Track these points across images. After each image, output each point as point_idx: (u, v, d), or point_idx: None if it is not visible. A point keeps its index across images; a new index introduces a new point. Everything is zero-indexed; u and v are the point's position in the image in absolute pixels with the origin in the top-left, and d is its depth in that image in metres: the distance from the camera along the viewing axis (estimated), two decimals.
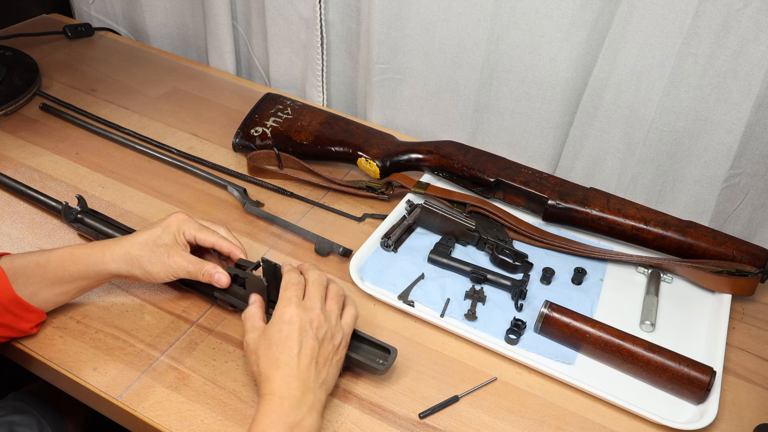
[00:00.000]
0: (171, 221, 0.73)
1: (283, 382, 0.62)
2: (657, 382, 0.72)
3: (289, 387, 0.62)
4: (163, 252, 0.71)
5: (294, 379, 0.62)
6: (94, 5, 1.42)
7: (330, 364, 0.66)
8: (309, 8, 1.13)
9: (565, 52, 0.95)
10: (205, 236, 0.74)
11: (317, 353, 0.64)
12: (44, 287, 0.70)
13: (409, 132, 1.18)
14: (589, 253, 0.88)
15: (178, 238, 0.72)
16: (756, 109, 0.88)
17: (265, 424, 0.60)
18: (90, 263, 0.70)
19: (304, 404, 0.61)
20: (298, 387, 0.62)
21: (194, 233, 0.73)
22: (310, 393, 0.62)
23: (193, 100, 1.18)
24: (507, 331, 0.77)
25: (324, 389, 0.65)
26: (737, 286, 0.82)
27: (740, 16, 0.83)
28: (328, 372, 0.65)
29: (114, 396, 0.68)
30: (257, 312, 0.69)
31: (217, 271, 0.72)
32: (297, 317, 0.64)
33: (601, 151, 1.04)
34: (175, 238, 0.72)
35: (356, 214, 0.94)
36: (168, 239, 0.72)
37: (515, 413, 0.70)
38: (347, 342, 0.68)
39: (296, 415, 0.60)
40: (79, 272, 0.70)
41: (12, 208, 0.90)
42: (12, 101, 1.08)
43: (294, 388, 0.62)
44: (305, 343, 0.64)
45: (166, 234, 0.72)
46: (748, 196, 0.97)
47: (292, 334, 0.64)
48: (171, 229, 0.72)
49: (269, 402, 0.61)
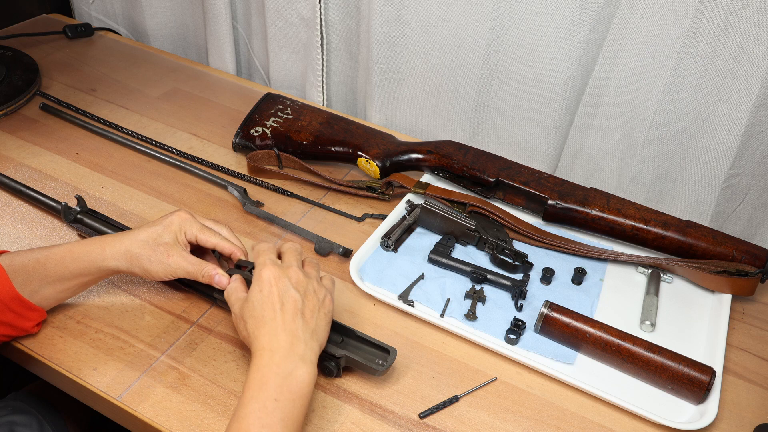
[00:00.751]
0: (173, 220, 0.73)
1: (270, 336, 0.63)
2: (657, 382, 0.72)
3: (277, 339, 0.63)
4: (162, 251, 0.71)
5: (281, 332, 0.63)
6: (94, 5, 1.42)
7: (317, 315, 0.66)
8: (309, 8, 1.13)
9: (565, 52, 0.95)
10: (207, 237, 0.74)
11: (301, 305, 0.65)
12: (45, 285, 0.70)
13: (409, 132, 1.18)
14: (589, 253, 0.88)
15: (179, 237, 0.72)
16: (756, 109, 0.88)
17: (258, 378, 0.60)
18: (90, 260, 0.70)
19: (294, 354, 0.62)
20: (285, 338, 0.63)
21: (196, 233, 0.73)
22: (300, 343, 0.63)
23: (193, 100, 1.18)
24: (507, 331, 0.77)
25: (315, 339, 0.65)
26: (737, 286, 0.82)
27: (740, 16, 0.83)
28: (317, 323, 0.66)
29: (114, 396, 0.68)
30: (239, 285, 0.70)
31: (217, 273, 0.72)
32: (274, 274, 0.66)
33: (601, 151, 1.04)
34: (176, 237, 0.72)
35: (356, 214, 0.94)
36: (169, 238, 0.71)
37: (515, 413, 0.70)
38: (332, 299, 0.70)
39: (288, 365, 0.61)
40: (79, 269, 0.70)
41: (12, 208, 0.90)
42: (12, 101, 1.08)
43: (282, 339, 0.63)
44: (287, 297, 0.65)
45: (167, 233, 0.72)
46: (748, 196, 0.97)
47: (272, 290, 0.65)
48: (173, 228, 0.72)
49: (260, 357, 0.62)
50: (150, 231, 0.72)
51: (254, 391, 0.60)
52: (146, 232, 0.71)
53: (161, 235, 0.71)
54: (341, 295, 0.81)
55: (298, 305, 0.65)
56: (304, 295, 0.66)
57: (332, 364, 0.69)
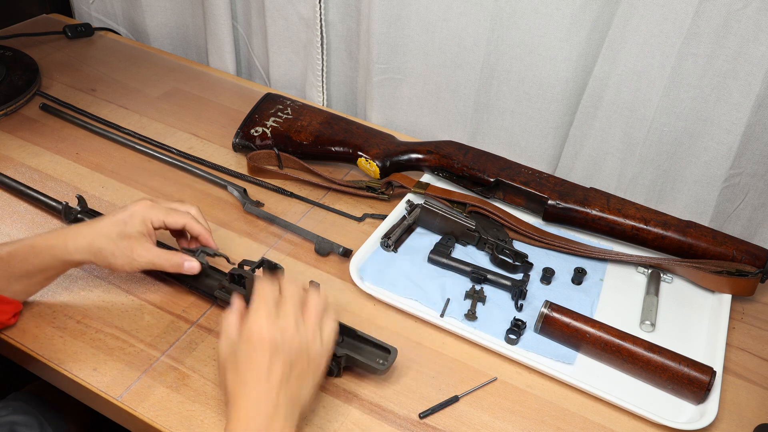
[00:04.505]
0: (135, 211, 0.71)
1: (249, 404, 0.57)
2: (657, 382, 0.72)
3: (257, 411, 0.57)
4: (126, 246, 0.69)
5: (261, 403, 0.57)
6: (94, 5, 1.42)
7: (304, 380, 0.60)
8: (309, 8, 1.13)
9: (565, 52, 0.95)
10: (175, 219, 0.72)
11: (289, 371, 0.59)
12: (11, 282, 0.70)
13: (409, 132, 1.18)
14: (589, 253, 0.88)
15: (144, 227, 0.70)
16: (756, 109, 0.88)
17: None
18: (53, 255, 0.69)
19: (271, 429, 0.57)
20: (266, 409, 0.57)
21: (162, 218, 0.71)
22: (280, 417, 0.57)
23: (193, 100, 1.18)
24: (507, 331, 0.77)
25: (298, 407, 0.60)
26: (737, 286, 0.82)
27: (740, 16, 0.83)
28: (301, 389, 0.60)
29: (114, 396, 0.68)
30: (234, 321, 0.62)
31: (185, 260, 0.71)
32: (267, 332, 0.59)
33: (601, 151, 1.04)
34: (140, 229, 0.70)
35: (356, 214, 0.94)
36: (132, 231, 0.69)
37: (515, 413, 0.70)
38: (327, 353, 0.64)
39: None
40: (44, 264, 0.69)
41: (12, 208, 0.90)
42: (12, 101, 1.08)
43: (262, 409, 0.57)
44: (275, 362, 0.58)
45: (130, 225, 0.70)
46: (748, 196, 0.97)
47: (262, 350, 0.58)
48: (135, 220, 0.70)
49: (235, 422, 0.57)
50: (113, 223, 0.70)
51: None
52: (109, 225, 0.70)
53: (124, 228, 0.69)
54: (341, 295, 0.81)
55: (286, 371, 0.59)
56: (295, 357, 0.60)
57: (333, 363, 0.69)
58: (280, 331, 0.60)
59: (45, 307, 0.76)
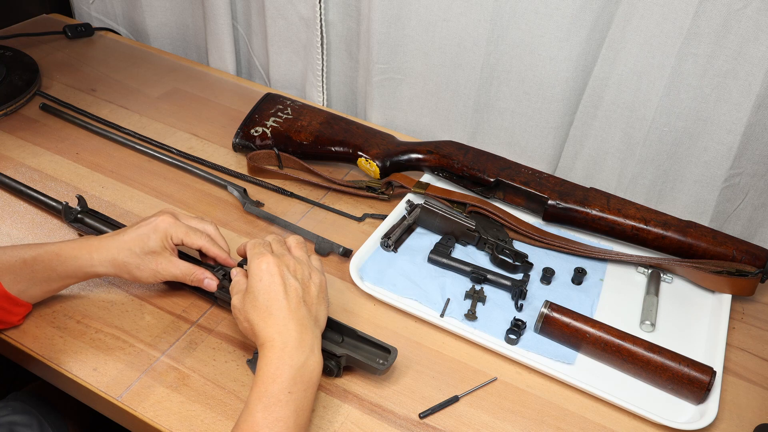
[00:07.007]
0: (159, 225, 0.73)
1: (279, 327, 0.62)
2: (657, 382, 0.72)
3: (287, 330, 0.62)
4: (150, 259, 0.71)
5: (289, 321, 0.63)
6: (94, 5, 1.42)
7: (317, 301, 0.67)
8: (309, 8, 1.13)
9: (565, 52, 0.95)
10: (192, 240, 0.74)
11: (302, 293, 0.65)
12: (32, 285, 0.70)
13: (409, 132, 1.18)
14: (589, 253, 0.88)
15: (166, 243, 0.73)
16: (756, 109, 0.88)
17: (271, 372, 0.60)
18: (78, 265, 0.70)
19: (305, 344, 0.62)
20: (295, 328, 0.63)
21: (182, 237, 0.73)
22: (308, 332, 0.63)
23: (193, 100, 1.18)
24: (507, 331, 0.77)
25: (318, 326, 0.66)
26: (737, 286, 0.82)
27: (740, 16, 0.83)
28: (317, 310, 0.67)
29: (114, 396, 0.68)
30: (242, 278, 0.69)
31: (205, 277, 0.73)
32: (273, 263, 0.65)
33: (601, 151, 1.04)
34: (163, 243, 0.72)
35: (356, 214, 0.94)
36: (155, 245, 0.72)
37: (515, 413, 0.70)
38: (325, 280, 0.70)
39: (300, 356, 0.61)
40: (67, 272, 0.71)
41: (12, 208, 0.90)
42: (12, 101, 1.08)
43: (291, 329, 0.62)
44: (289, 285, 0.65)
45: (153, 239, 0.72)
46: (748, 196, 0.97)
47: (273, 278, 0.64)
48: (159, 234, 0.72)
49: (270, 349, 0.62)
50: (136, 236, 0.71)
51: (267, 385, 0.60)
52: (133, 240, 0.71)
53: (147, 242, 0.71)
54: (341, 295, 0.81)
55: (300, 293, 0.65)
56: (303, 283, 0.66)
57: (332, 363, 0.69)
58: (284, 263, 0.66)
59: (45, 307, 0.76)
